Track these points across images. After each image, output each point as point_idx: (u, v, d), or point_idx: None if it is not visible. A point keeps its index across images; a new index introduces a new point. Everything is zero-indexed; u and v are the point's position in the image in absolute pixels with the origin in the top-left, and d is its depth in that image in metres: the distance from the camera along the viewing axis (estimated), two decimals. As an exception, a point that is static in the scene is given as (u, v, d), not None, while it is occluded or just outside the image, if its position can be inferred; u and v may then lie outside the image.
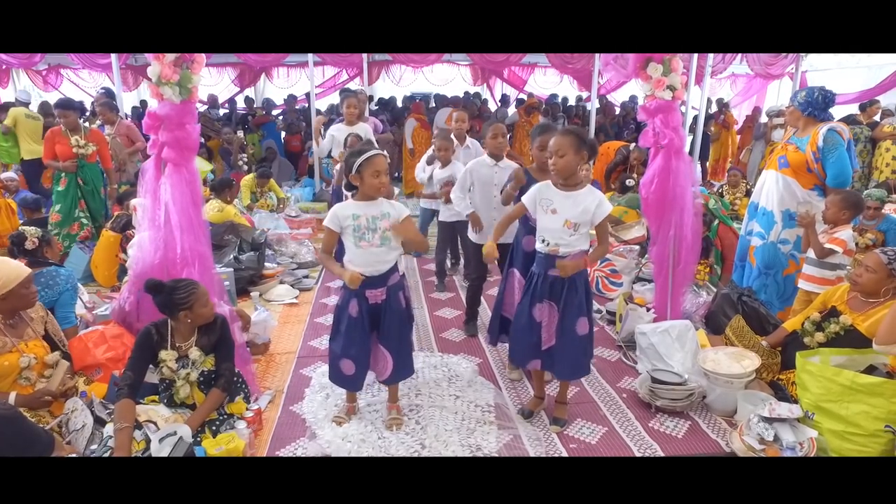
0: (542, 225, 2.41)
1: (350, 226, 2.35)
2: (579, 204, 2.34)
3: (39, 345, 2.54)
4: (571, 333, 2.42)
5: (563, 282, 2.40)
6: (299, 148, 8.89)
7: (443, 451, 2.39)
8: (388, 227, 2.35)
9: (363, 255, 2.37)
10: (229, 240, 4.33)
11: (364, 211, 2.35)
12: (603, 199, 2.38)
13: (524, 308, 2.50)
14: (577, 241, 2.37)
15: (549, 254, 2.39)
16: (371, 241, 2.35)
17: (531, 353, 2.52)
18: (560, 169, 2.33)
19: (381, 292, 2.43)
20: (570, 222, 2.34)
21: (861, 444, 2.24)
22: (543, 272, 2.43)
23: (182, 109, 2.55)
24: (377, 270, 2.39)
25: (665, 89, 2.94)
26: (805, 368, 2.40)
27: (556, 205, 2.36)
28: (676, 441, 2.50)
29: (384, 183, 2.32)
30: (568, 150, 2.30)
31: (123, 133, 5.45)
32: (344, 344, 2.45)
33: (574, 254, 2.38)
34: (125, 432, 2.12)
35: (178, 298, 2.31)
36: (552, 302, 2.43)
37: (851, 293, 2.62)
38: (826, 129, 3.19)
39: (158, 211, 2.61)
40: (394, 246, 2.40)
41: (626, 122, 9.44)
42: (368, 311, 2.43)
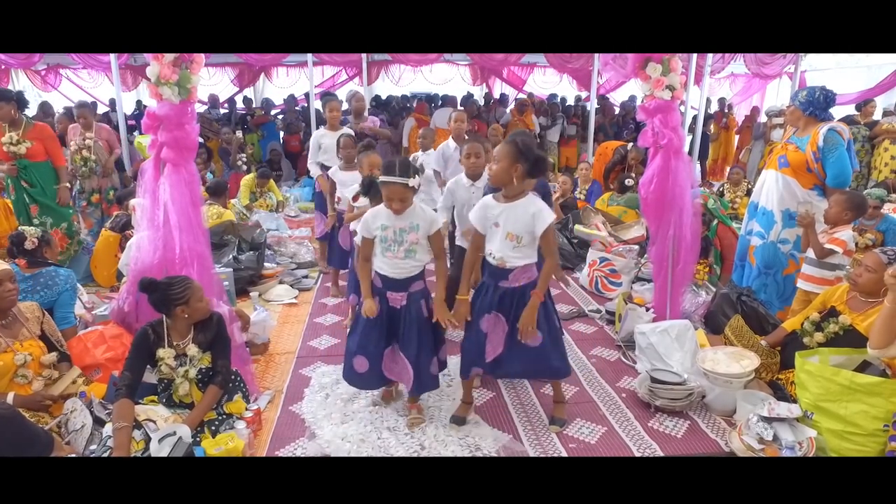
0: (488, 238, 2.37)
1: (378, 235, 2.38)
2: (519, 215, 2.26)
3: (35, 345, 2.54)
4: (521, 345, 2.35)
5: (513, 293, 2.35)
6: (298, 148, 8.88)
7: (442, 452, 2.39)
8: (415, 241, 2.35)
9: (387, 262, 2.40)
10: (228, 240, 4.33)
11: (393, 223, 2.35)
12: (543, 208, 2.26)
13: (473, 319, 2.44)
14: (522, 253, 2.30)
15: (498, 266, 2.35)
16: (396, 252, 2.37)
17: (475, 364, 2.48)
18: (492, 175, 2.30)
19: (402, 297, 2.42)
20: (512, 234, 2.28)
21: (860, 444, 2.24)
22: (493, 283, 2.39)
23: (181, 109, 2.55)
24: (399, 276, 2.40)
25: (664, 89, 2.95)
26: (804, 368, 2.41)
27: (498, 217, 2.31)
28: (676, 441, 2.50)
29: (396, 209, 2.30)
30: (503, 158, 2.23)
31: (104, 138, 5.24)
32: (360, 341, 2.47)
33: (520, 268, 2.32)
34: (124, 432, 2.12)
35: (174, 294, 2.32)
36: (500, 313, 2.39)
37: (851, 293, 2.63)
38: (826, 129, 3.19)
39: (157, 211, 2.61)
40: (419, 258, 2.40)
41: (626, 122, 9.44)
42: (388, 312, 2.44)
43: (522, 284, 2.35)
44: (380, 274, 2.43)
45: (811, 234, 3.06)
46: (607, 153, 6.46)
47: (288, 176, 8.61)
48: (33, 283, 2.91)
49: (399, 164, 2.27)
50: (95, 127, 5.19)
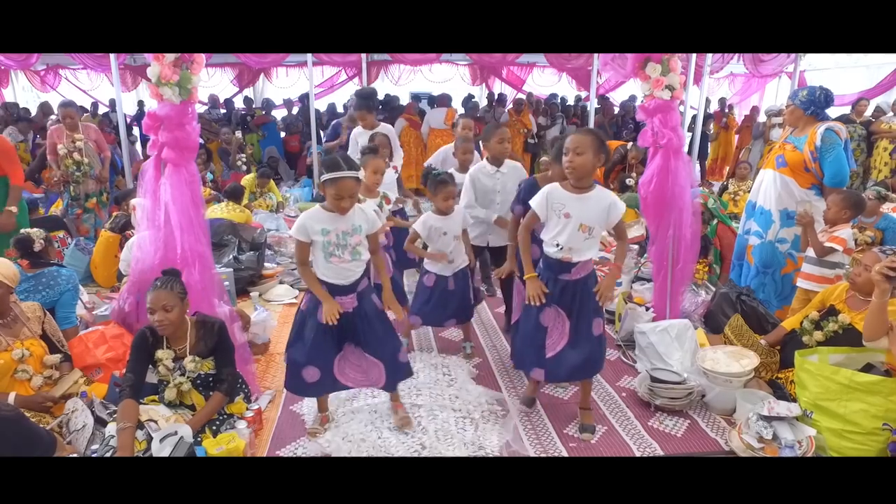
0: (556, 230, 2.31)
1: (320, 241, 2.26)
2: (593, 206, 2.27)
3: (36, 344, 2.55)
4: (588, 334, 2.38)
5: (574, 286, 2.36)
6: (298, 148, 8.89)
7: (443, 451, 2.39)
8: (358, 243, 2.28)
9: (333, 268, 2.29)
10: (229, 240, 4.34)
11: (334, 226, 2.24)
12: (616, 199, 2.32)
13: (531, 312, 2.42)
14: (591, 245, 2.32)
15: (562, 259, 2.32)
16: (342, 256, 2.27)
17: (535, 361, 2.46)
18: (577, 167, 2.21)
19: (352, 299, 2.34)
20: (585, 226, 2.26)
21: (859, 443, 2.25)
22: (553, 277, 2.37)
23: (182, 110, 2.55)
24: (347, 280, 2.32)
25: (664, 89, 2.95)
26: (803, 367, 2.41)
27: (568, 208, 2.27)
28: (676, 440, 2.50)
29: (343, 207, 2.21)
30: (588, 149, 2.19)
31: (93, 138, 5.02)
32: (310, 351, 2.35)
33: (584, 261, 2.33)
34: (128, 432, 2.13)
35: None
36: (560, 307, 2.38)
37: (850, 292, 2.63)
38: (824, 129, 3.20)
39: (158, 211, 2.62)
40: (364, 257, 2.33)
41: (625, 122, 9.44)
42: (340, 318, 2.30)
43: (583, 276, 2.36)
44: (324, 281, 2.32)
45: (810, 232, 3.07)
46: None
47: (287, 177, 8.61)
48: (35, 282, 2.91)
49: (343, 159, 2.21)
50: (82, 127, 4.96)
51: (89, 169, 4.89)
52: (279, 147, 8.92)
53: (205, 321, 2.43)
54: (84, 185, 4.91)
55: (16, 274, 2.54)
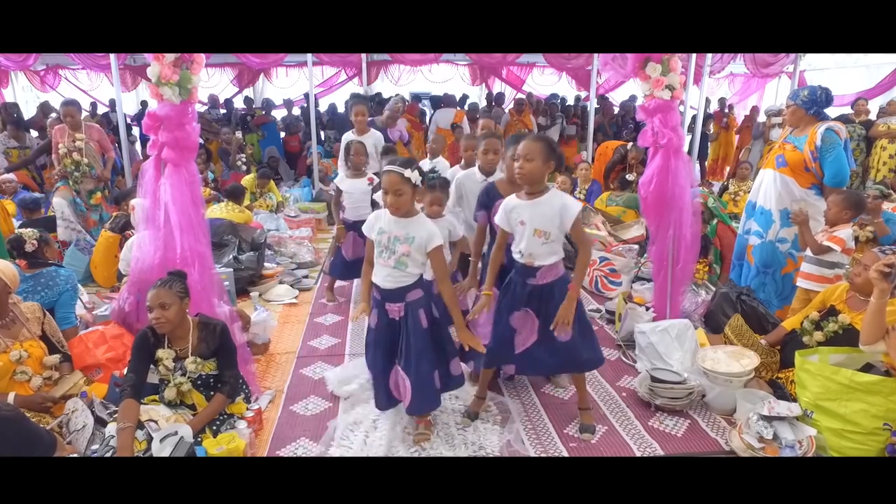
0: (516, 237, 2.34)
1: (375, 239, 2.29)
2: (545, 211, 2.26)
3: (36, 345, 2.55)
4: (552, 339, 2.37)
5: (542, 290, 2.36)
6: (298, 148, 8.89)
7: (444, 452, 2.39)
8: (406, 253, 2.23)
9: (379, 269, 2.31)
10: (229, 240, 4.33)
11: (391, 228, 2.25)
12: (568, 201, 2.27)
13: (501, 316, 2.44)
14: (550, 249, 2.31)
15: (526, 265, 2.34)
16: (386, 260, 2.26)
17: (505, 357, 2.48)
18: (525, 174, 2.23)
19: (400, 308, 2.31)
20: (540, 231, 2.27)
21: (859, 443, 2.25)
22: (522, 280, 2.39)
23: (182, 110, 2.55)
24: (393, 285, 2.29)
25: (664, 89, 2.95)
26: (804, 367, 2.41)
27: (522, 216, 2.29)
28: (676, 440, 2.50)
29: (390, 203, 2.19)
30: (537, 156, 2.21)
31: (95, 139, 4.91)
32: (371, 357, 2.44)
33: (547, 266, 2.32)
34: (128, 432, 2.13)
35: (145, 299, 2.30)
36: (529, 309, 2.39)
37: (850, 292, 2.63)
38: (824, 129, 3.20)
39: (158, 211, 2.62)
40: (410, 271, 2.26)
41: (625, 122, 9.44)
42: (389, 325, 2.34)
43: (550, 281, 2.36)
44: (376, 284, 2.33)
45: (805, 231, 3.08)
46: (607, 153, 6.47)
47: (287, 177, 8.61)
48: (34, 283, 2.91)
49: (401, 159, 2.25)
50: (85, 126, 4.88)
51: (88, 169, 4.83)
52: (279, 147, 8.92)
53: (207, 323, 2.43)
54: (83, 185, 4.86)
55: (15, 275, 2.54)
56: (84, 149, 4.78)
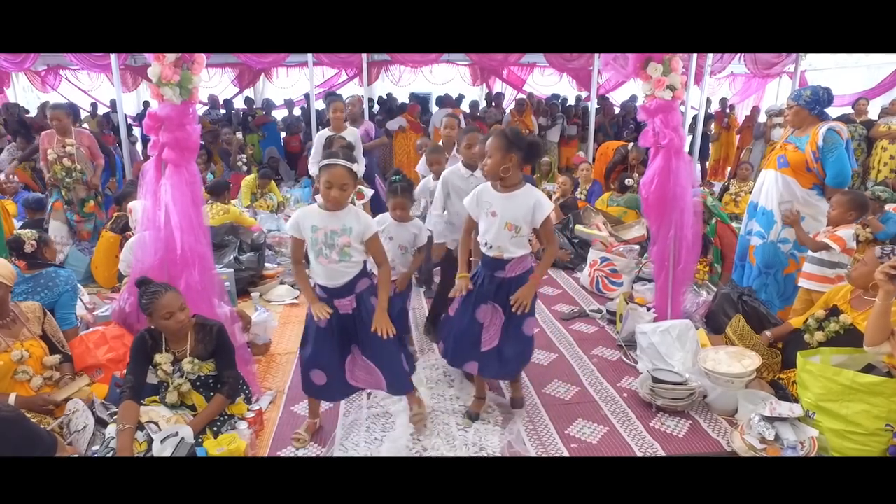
0: (484, 228, 2.36)
1: (309, 238, 2.20)
2: (518, 205, 2.28)
3: (36, 345, 2.54)
4: (519, 334, 2.41)
5: (510, 283, 2.38)
6: (299, 148, 8.89)
7: (445, 452, 2.39)
8: (346, 244, 2.18)
9: (323, 269, 2.23)
10: (229, 240, 4.34)
11: (325, 223, 2.18)
12: (541, 198, 2.30)
13: (467, 308, 2.44)
14: (519, 243, 2.33)
15: (495, 257, 2.35)
16: (329, 256, 2.19)
17: (468, 355, 2.48)
18: (488, 170, 2.30)
19: (350, 301, 2.27)
20: (511, 224, 2.29)
21: (862, 444, 2.24)
22: (490, 274, 2.40)
23: (182, 110, 2.55)
24: (340, 282, 2.24)
25: (665, 89, 2.94)
26: (805, 368, 2.41)
27: (494, 207, 2.30)
28: (677, 440, 2.50)
29: (334, 197, 2.13)
30: (495, 152, 2.25)
31: (86, 144, 4.61)
32: (312, 353, 2.33)
33: (516, 259, 2.35)
34: (127, 433, 2.13)
35: (143, 303, 2.29)
36: (496, 304, 2.41)
37: (855, 293, 2.63)
38: (825, 129, 3.19)
39: (159, 211, 2.61)
40: (355, 259, 2.23)
41: (626, 122, 9.44)
42: (339, 321, 2.28)
43: (518, 275, 2.37)
44: (319, 284, 2.27)
45: (798, 230, 3.10)
46: (608, 153, 6.47)
47: (287, 177, 8.62)
48: (33, 284, 2.91)
49: (342, 151, 2.20)
50: (75, 132, 4.59)
51: (80, 175, 4.58)
52: (280, 147, 8.92)
53: (204, 324, 2.43)
54: (75, 192, 4.61)
55: (12, 273, 2.53)
56: (75, 154, 4.54)
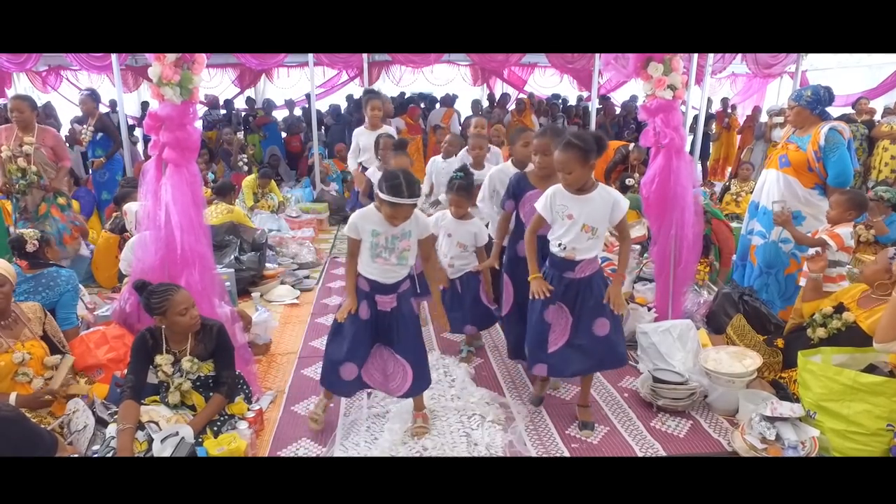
0: (560, 231, 2.34)
1: (368, 241, 2.27)
2: (596, 208, 2.29)
3: (37, 345, 2.54)
4: (588, 332, 2.39)
5: (578, 284, 2.37)
6: (299, 148, 8.90)
7: (446, 452, 2.38)
8: (407, 248, 2.28)
9: (378, 268, 2.30)
10: (230, 240, 4.33)
11: (385, 229, 2.25)
12: (619, 198, 2.33)
13: (535, 308, 2.45)
14: (594, 244, 2.34)
15: (566, 258, 2.35)
16: (388, 259, 2.28)
17: (537, 356, 2.47)
18: (572, 183, 2.27)
19: (392, 299, 2.35)
20: (588, 226, 2.29)
21: (863, 444, 2.23)
22: (559, 274, 2.39)
23: (183, 110, 2.55)
24: (390, 280, 2.32)
25: (666, 89, 2.94)
26: (807, 367, 2.40)
27: (571, 210, 2.29)
28: (678, 440, 2.49)
29: (395, 224, 2.21)
30: (575, 167, 2.21)
31: (49, 144, 4.11)
32: (349, 347, 2.35)
33: (589, 259, 2.35)
34: (128, 433, 2.13)
35: (153, 303, 2.28)
36: (564, 304, 2.40)
37: (864, 292, 2.62)
38: (827, 129, 3.19)
39: (159, 211, 2.61)
40: (410, 262, 2.34)
41: (627, 122, 9.43)
42: (377, 316, 2.36)
43: (588, 275, 2.37)
44: (367, 278, 2.33)
45: (790, 229, 3.12)
46: (609, 153, 6.44)
47: (287, 178, 8.62)
48: (34, 283, 2.91)
49: (406, 185, 2.15)
50: (39, 129, 4.09)
51: (36, 179, 4.03)
52: (281, 147, 8.93)
53: (204, 323, 2.43)
54: (32, 197, 4.05)
55: (14, 274, 2.54)
56: (33, 155, 4.00)
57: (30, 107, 4.04)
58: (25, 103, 4.03)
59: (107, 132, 5.54)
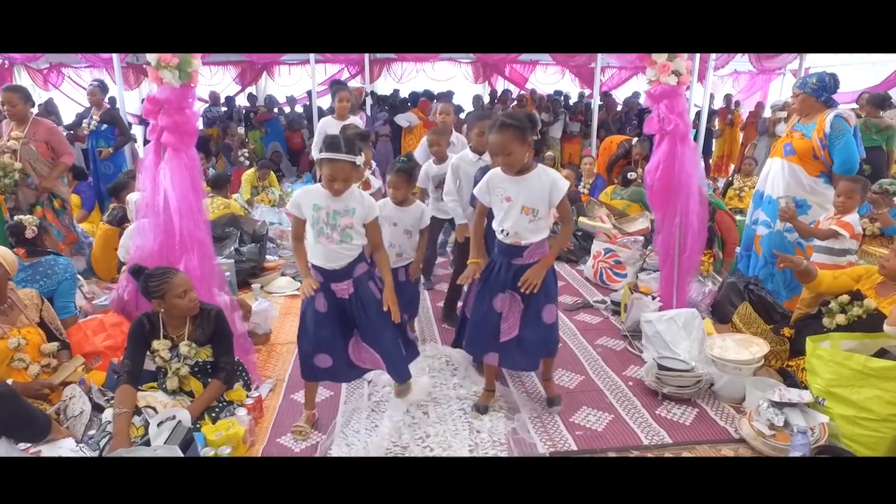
0: (500, 215, 2.28)
1: (310, 216, 2.16)
2: (533, 188, 2.21)
3: (34, 332, 2.52)
4: (538, 322, 2.35)
5: (527, 270, 2.30)
6: (300, 145, 8.88)
7: (448, 438, 2.35)
8: (349, 225, 2.16)
9: (322, 249, 2.19)
10: (230, 232, 4.31)
11: (327, 203, 2.15)
12: (556, 177, 2.25)
13: (483, 298, 2.38)
14: (538, 226, 2.27)
15: (512, 244, 2.29)
16: (330, 236, 2.16)
17: (488, 345, 2.41)
18: (512, 164, 2.20)
19: (348, 285, 2.24)
20: (528, 208, 2.23)
21: (873, 430, 2.19)
22: (506, 261, 2.33)
23: (182, 93, 2.51)
24: (338, 265, 2.21)
25: (670, 74, 2.90)
26: (815, 353, 2.36)
27: (509, 192, 2.23)
28: (684, 428, 2.45)
29: (336, 189, 2.11)
30: (513, 146, 2.15)
31: (42, 138, 3.77)
32: (315, 340, 2.27)
33: (535, 244, 2.29)
34: (124, 417, 2.10)
35: (151, 286, 2.25)
36: (514, 292, 2.34)
37: (883, 280, 2.57)
38: (833, 116, 3.15)
39: (157, 196, 2.58)
40: (356, 242, 2.21)
41: (629, 118, 9.40)
42: (337, 305, 2.26)
43: (537, 261, 2.31)
44: (316, 266, 2.23)
45: (797, 224, 3.07)
46: (611, 147, 6.43)
47: (289, 174, 8.60)
48: (32, 271, 2.88)
49: (344, 141, 2.10)
50: (32, 122, 3.79)
51: (21, 177, 3.69)
52: (282, 144, 8.92)
53: (202, 308, 2.39)
54: (23, 196, 3.72)
55: (14, 261, 2.51)
56: (20, 150, 3.68)
57: (22, 99, 3.75)
58: (17, 95, 3.75)
59: (115, 124, 5.52)
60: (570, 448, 2.32)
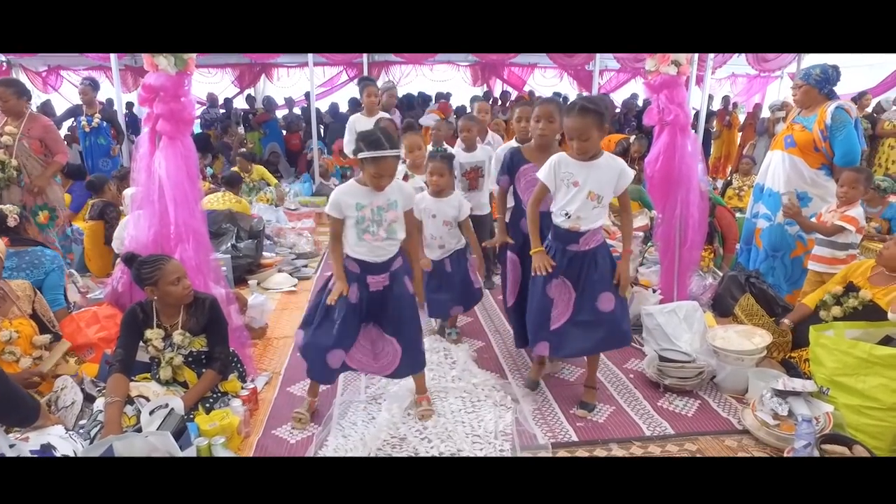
0: (564, 199, 2.25)
1: (354, 216, 2.14)
2: (602, 174, 2.22)
3: (26, 323, 2.47)
4: (591, 308, 2.30)
5: (583, 257, 2.29)
6: (299, 146, 8.89)
7: (448, 429, 2.31)
8: (394, 219, 2.17)
9: (366, 245, 2.18)
10: (227, 228, 4.27)
11: (369, 200, 2.14)
12: (624, 166, 2.26)
13: (538, 284, 2.36)
14: (599, 213, 2.27)
15: (570, 229, 2.27)
16: (376, 234, 2.16)
17: (539, 334, 2.38)
18: (587, 150, 2.17)
19: (384, 278, 2.24)
20: (594, 194, 2.22)
21: (878, 419, 2.15)
22: (562, 247, 2.31)
23: (178, 81, 2.48)
24: (380, 258, 2.21)
25: (670, 64, 2.88)
26: (819, 342, 2.32)
27: (577, 176, 2.21)
28: (686, 419, 2.41)
29: (383, 185, 2.11)
30: (592, 132, 2.13)
31: (37, 135, 3.64)
32: (338, 333, 2.20)
33: (593, 230, 2.28)
34: (115, 406, 2.05)
35: (144, 273, 2.21)
36: (567, 279, 2.32)
37: (875, 269, 2.55)
38: (834, 107, 3.14)
39: (152, 185, 2.54)
40: (399, 236, 2.22)
41: (627, 120, 9.40)
42: (368, 298, 2.25)
43: (593, 248, 2.30)
44: (356, 259, 2.21)
45: (801, 220, 3.05)
46: (610, 146, 6.39)
47: (287, 174, 8.59)
48: (18, 260, 2.82)
49: (385, 137, 2.06)
50: (28, 118, 3.66)
51: (14, 174, 3.55)
52: (281, 145, 8.92)
53: (196, 297, 2.36)
54: (9, 195, 3.55)
55: (3, 249, 2.47)
56: (13, 146, 3.56)
57: (15, 94, 3.61)
58: (10, 90, 3.60)
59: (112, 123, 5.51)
60: (571, 439, 2.28)
